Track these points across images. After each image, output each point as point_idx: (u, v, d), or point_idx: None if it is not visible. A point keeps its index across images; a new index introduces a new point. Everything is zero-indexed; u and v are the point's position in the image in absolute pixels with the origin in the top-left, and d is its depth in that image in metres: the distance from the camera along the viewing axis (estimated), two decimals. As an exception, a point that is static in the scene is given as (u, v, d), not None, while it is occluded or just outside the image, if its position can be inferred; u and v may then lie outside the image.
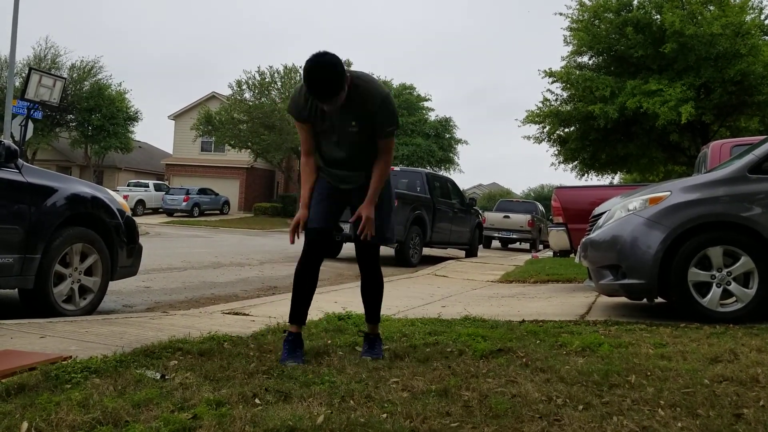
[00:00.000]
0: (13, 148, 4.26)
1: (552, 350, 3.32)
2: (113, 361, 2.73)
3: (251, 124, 32.62)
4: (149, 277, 7.40)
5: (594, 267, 4.93)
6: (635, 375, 2.75)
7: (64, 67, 34.82)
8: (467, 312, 4.74)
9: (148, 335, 3.55)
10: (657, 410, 2.27)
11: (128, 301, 5.69)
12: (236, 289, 7.00)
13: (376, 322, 3.34)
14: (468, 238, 14.30)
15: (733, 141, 7.51)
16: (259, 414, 2.12)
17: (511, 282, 8.62)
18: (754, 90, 17.40)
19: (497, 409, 2.25)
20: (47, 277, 4.38)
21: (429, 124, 40.96)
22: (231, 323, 4.23)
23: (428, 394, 2.44)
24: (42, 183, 4.44)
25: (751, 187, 4.43)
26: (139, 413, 2.11)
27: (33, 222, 4.28)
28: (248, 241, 17.97)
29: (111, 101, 36.41)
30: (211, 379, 2.58)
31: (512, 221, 21.97)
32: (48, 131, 34.20)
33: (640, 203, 4.67)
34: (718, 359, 3.07)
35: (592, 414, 2.22)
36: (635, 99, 17.25)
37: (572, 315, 4.86)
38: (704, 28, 16.55)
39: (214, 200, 35.90)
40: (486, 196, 60.07)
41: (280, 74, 32.90)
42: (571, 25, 19.52)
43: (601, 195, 7.17)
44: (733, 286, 4.34)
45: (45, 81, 17.09)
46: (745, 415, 2.22)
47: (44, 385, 2.38)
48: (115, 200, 5.10)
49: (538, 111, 20.50)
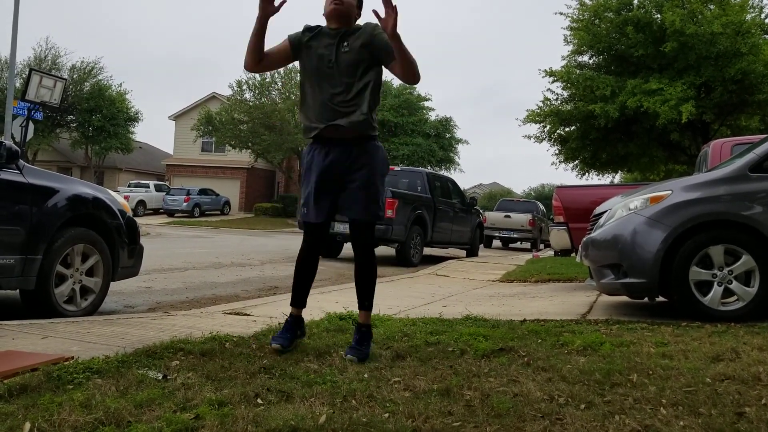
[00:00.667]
0: (14, 149, 4.26)
1: (553, 349, 3.32)
2: (115, 362, 2.73)
3: (252, 125, 32.62)
4: (150, 278, 7.40)
5: (595, 266, 4.93)
6: (637, 374, 2.75)
7: (64, 68, 34.86)
8: (468, 311, 4.73)
9: (150, 335, 3.56)
10: (659, 409, 2.27)
11: (129, 302, 5.69)
12: (237, 289, 7.00)
13: (369, 309, 3.28)
14: (469, 238, 14.30)
15: (733, 140, 7.50)
16: (261, 414, 2.13)
17: (512, 281, 8.62)
18: (754, 89, 17.39)
19: (499, 408, 2.25)
20: (48, 277, 4.39)
21: (429, 124, 40.95)
22: (232, 323, 4.23)
23: (430, 393, 2.44)
24: (43, 184, 4.44)
25: (752, 185, 4.43)
26: (142, 413, 2.11)
27: (34, 223, 4.28)
28: (249, 241, 17.97)
29: (111, 102, 36.42)
30: (213, 379, 2.58)
31: (513, 221, 21.96)
32: (48, 132, 34.22)
33: (641, 202, 4.67)
34: (719, 358, 3.07)
35: (594, 413, 2.22)
36: (636, 98, 17.25)
37: (573, 314, 4.86)
38: (704, 27, 16.55)
39: (214, 201, 35.90)
40: (487, 195, 60.08)
41: (281, 75, 32.90)
42: (571, 25, 19.52)
43: (601, 194, 7.17)
44: (735, 284, 4.34)
45: (45, 82, 17.09)
46: (747, 414, 2.22)
47: (46, 386, 2.38)
48: (116, 201, 5.10)
49: (538, 110, 20.52)
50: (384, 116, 38.24)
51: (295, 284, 3.36)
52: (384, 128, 38.56)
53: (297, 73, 32.44)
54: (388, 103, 38.81)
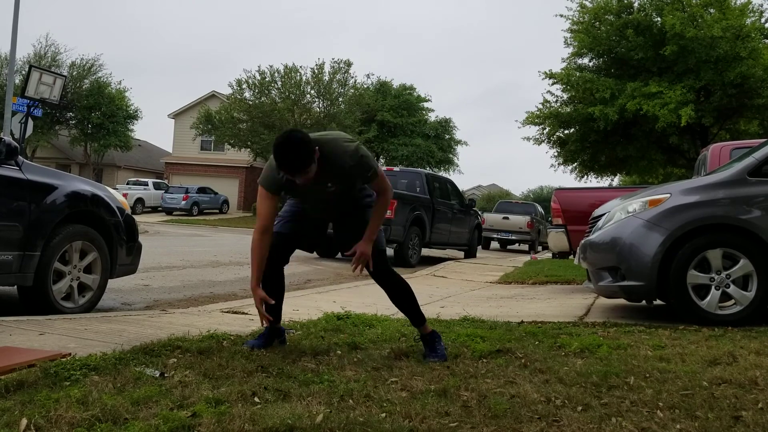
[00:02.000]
0: (14, 145, 4.25)
1: (551, 351, 3.32)
2: (112, 359, 2.73)
3: (251, 124, 32.59)
4: (148, 276, 7.39)
5: (593, 268, 4.93)
6: (634, 376, 2.75)
7: (64, 65, 34.82)
8: (466, 313, 4.74)
9: (147, 333, 3.55)
10: (656, 412, 2.28)
11: (127, 299, 5.69)
12: (235, 287, 7.00)
13: (421, 324, 3.23)
14: (467, 239, 14.30)
15: (732, 144, 7.52)
16: (258, 412, 2.12)
17: (510, 283, 8.62)
18: (753, 93, 17.41)
19: (496, 409, 2.25)
20: (46, 274, 4.38)
21: (429, 125, 40.96)
22: (230, 322, 4.23)
23: (427, 394, 2.44)
24: (42, 180, 4.43)
25: (750, 190, 4.44)
26: (138, 411, 2.11)
27: (33, 219, 4.27)
28: (247, 240, 17.79)
29: (111, 99, 36.42)
30: (210, 377, 2.58)
31: (511, 222, 21.97)
32: (48, 129, 34.18)
33: (639, 205, 4.67)
34: (716, 361, 3.07)
35: (590, 415, 2.22)
36: (635, 101, 17.27)
37: (571, 316, 4.86)
38: (704, 31, 16.56)
39: (213, 199, 35.88)
40: (485, 197, 60.04)
41: (280, 74, 32.86)
42: (571, 27, 19.53)
43: (600, 197, 7.18)
44: (732, 288, 4.35)
45: (45, 79, 17.07)
46: (744, 418, 2.22)
47: (43, 382, 2.38)
48: (114, 198, 5.09)
49: (538, 112, 20.51)
50: (383, 117, 38.24)
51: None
52: (383, 129, 38.56)
53: (296, 73, 32.51)
54: (387, 104, 38.81)
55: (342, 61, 33.23)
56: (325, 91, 32.85)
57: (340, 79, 33.37)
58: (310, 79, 32.70)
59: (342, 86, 33.60)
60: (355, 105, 34.07)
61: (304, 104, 32.78)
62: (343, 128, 29.42)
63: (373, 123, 37.66)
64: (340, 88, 33.58)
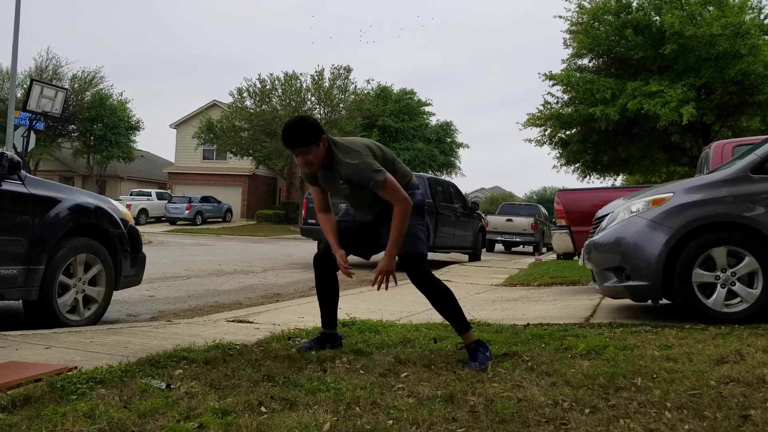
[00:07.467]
0: (16, 159, 4.27)
1: (557, 353, 3.31)
2: (118, 371, 2.73)
3: (252, 132, 32.67)
4: (153, 286, 7.40)
5: (598, 269, 4.92)
6: (641, 377, 2.74)
7: (65, 78, 34.99)
8: (472, 316, 4.72)
9: (153, 344, 3.55)
10: (664, 412, 2.27)
11: (132, 311, 5.69)
12: (240, 296, 7.00)
13: (464, 331, 3.19)
14: (471, 242, 14.28)
15: (734, 141, 7.50)
16: (265, 422, 2.12)
17: (515, 285, 8.61)
18: (754, 90, 17.38)
19: (503, 413, 2.24)
20: (51, 287, 4.39)
21: (430, 129, 41.02)
22: (235, 331, 4.23)
23: (434, 399, 2.44)
24: (45, 194, 4.45)
25: (753, 187, 4.43)
26: (145, 423, 2.11)
27: (37, 233, 4.28)
28: (251, 248, 17.97)
29: (112, 111, 36.57)
30: (216, 387, 2.58)
31: (515, 224, 21.96)
32: (50, 142, 34.33)
33: (643, 205, 4.67)
34: (724, 360, 3.06)
35: (598, 417, 2.21)
36: (636, 101, 17.25)
37: (577, 318, 4.85)
38: (704, 29, 16.55)
39: (216, 208, 35.94)
40: (488, 199, 60.05)
41: (281, 81, 32.97)
42: (570, 28, 19.55)
43: (603, 197, 7.17)
44: (738, 286, 4.33)
45: (47, 92, 17.15)
46: (752, 416, 2.21)
47: (50, 397, 2.38)
48: (118, 210, 5.10)
49: (539, 114, 20.51)
50: (384, 122, 38.30)
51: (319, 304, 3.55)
52: (384, 134, 38.61)
53: (296, 80, 32.60)
54: (388, 109, 38.88)
55: (342, 67, 33.36)
56: (326, 97, 32.93)
57: (341, 85, 33.46)
58: (310, 85, 32.80)
59: (342, 92, 33.68)
60: (356, 111, 34.13)
61: (305, 111, 32.84)
62: (344, 134, 29.45)
63: (374, 128, 37.73)
64: (341, 94, 33.66)
